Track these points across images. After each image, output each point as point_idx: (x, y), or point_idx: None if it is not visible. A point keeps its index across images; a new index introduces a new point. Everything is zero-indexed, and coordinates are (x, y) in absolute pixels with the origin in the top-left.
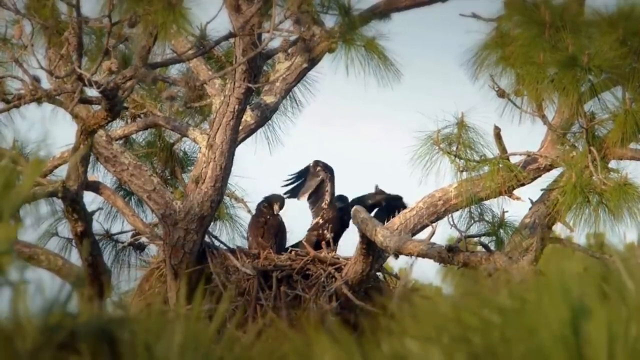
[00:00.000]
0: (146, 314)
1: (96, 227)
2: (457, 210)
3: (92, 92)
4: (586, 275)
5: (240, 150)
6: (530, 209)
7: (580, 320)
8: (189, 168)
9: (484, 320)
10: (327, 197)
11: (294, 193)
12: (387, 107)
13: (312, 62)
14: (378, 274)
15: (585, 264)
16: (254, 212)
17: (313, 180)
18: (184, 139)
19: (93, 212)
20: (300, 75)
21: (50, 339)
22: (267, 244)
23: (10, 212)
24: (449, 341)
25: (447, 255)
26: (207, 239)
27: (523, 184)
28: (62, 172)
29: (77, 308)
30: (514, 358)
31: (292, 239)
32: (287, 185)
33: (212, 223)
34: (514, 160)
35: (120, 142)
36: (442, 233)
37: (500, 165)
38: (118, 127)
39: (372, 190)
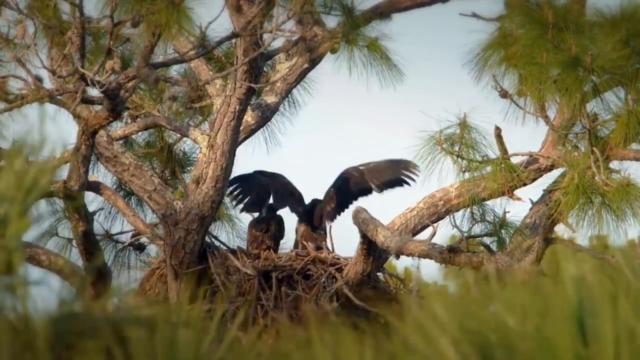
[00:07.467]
0: (149, 313)
1: (96, 227)
2: (458, 210)
3: (93, 93)
4: (592, 274)
5: (241, 151)
6: (530, 209)
7: (588, 318)
8: (189, 168)
9: (492, 317)
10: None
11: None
12: (389, 108)
13: (313, 62)
14: (379, 274)
15: (588, 264)
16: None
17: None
18: (184, 139)
19: (94, 212)
20: (301, 76)
21: (59, 339)
22: (260, 234)
23: (21, 211)
24: (458, 337)
25: (449, 255)
26: (207, 239)
27: (525, 184)
28: (62, 172)
29: (81, 308)
30: (522, 354)
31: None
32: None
33: (211, 223)
34: (514, 160)
35: (120, 142)
36: (444, 233)
37: (502, 166)
38: (118, 128)
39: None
